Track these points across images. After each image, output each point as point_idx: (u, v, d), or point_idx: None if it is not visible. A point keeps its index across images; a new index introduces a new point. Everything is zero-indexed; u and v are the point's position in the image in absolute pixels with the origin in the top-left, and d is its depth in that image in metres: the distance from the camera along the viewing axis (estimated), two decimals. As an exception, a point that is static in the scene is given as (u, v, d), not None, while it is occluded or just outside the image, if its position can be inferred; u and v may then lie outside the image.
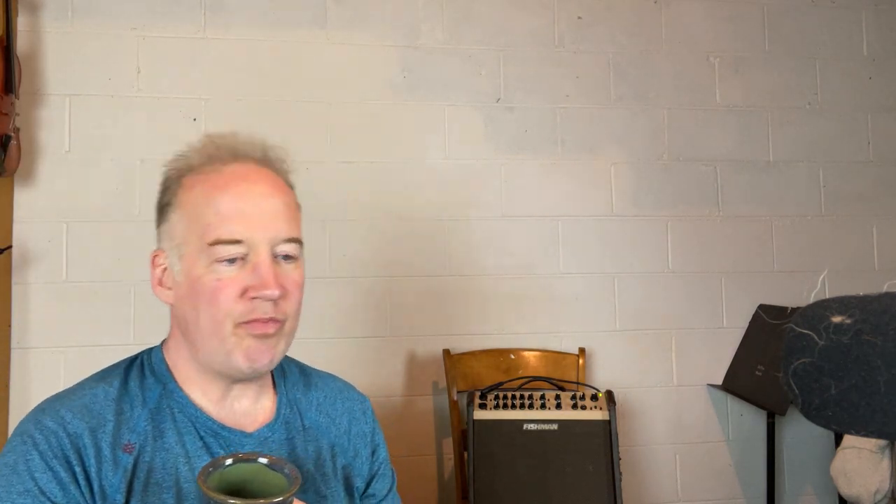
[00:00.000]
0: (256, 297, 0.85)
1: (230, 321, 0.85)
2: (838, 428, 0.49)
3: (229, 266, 0.85)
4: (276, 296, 0.85)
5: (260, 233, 0.86)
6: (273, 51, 2.32)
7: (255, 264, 0.86)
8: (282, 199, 0.90)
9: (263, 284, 0.85)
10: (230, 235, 0.85)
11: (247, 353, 0.86)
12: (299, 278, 0.91)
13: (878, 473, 1.78)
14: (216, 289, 0.85)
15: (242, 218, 0.86)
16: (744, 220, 2.54)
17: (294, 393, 1.01)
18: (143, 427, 0.87)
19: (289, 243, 0.89)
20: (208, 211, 0.86)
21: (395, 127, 2.37)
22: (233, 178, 0.88)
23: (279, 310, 0.87)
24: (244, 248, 0.85)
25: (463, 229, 2.38)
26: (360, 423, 1.05)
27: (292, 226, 0.90)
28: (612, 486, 1.96)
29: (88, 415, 0.85)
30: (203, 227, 0.86)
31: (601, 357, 2.43)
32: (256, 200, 0.88)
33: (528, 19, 2.47)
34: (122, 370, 0.93)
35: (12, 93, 1.99)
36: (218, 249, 0.85)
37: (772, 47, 2.61)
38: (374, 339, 2.30)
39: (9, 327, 2.11)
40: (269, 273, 0.85)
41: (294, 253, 0.90)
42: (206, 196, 0.87)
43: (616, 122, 2.50)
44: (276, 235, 0.88)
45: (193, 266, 0.87)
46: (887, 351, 0.46)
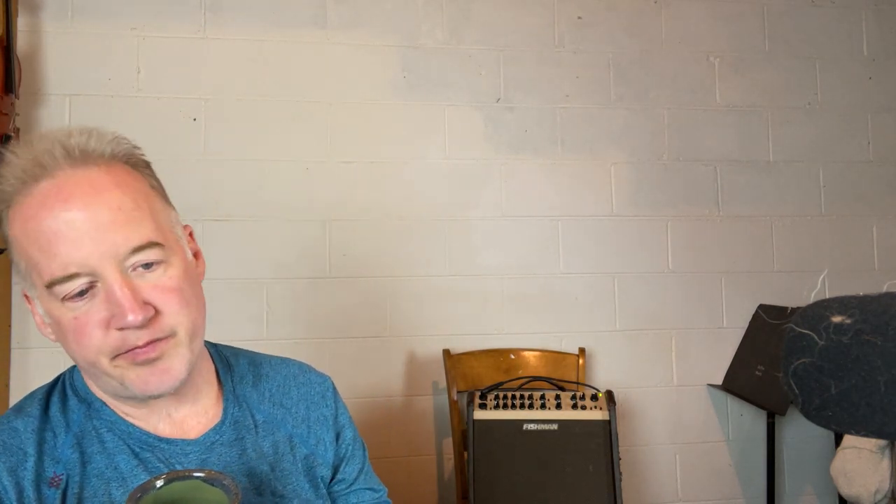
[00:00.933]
0: (121, 327, 0.74)
1: (104, 357, 0.76)
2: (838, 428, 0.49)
3: (82, 300, 0.74)
4: (141, 321, 0.74)
5: (93, 255, 0.73)
6: (273, 51, 2.32)
7: (106, 291, 0.74)
8: (111, 201, 0.75)
9: (122, 313, 0.73)
10: (62, 271, 0.73)
11: (138, 381, 0.77)
12: (172, 282, 0.78)
13: (878, 473, 1.78)
14: (77, 328, 0.75)
15: (66, 245, 0.73)
16: (744, 220, 2.54)
17: (242, 388, 0.93)
18: (68, 455, 0.79)
19: (140, 251, 0.75)
20: (32, 249, 0.74)
21: (395, 127, 2.37)
22: (42, 201, 0.74)
23: (157, 329, 0.76)
24: (85, 278, 0.74)
25: (463, 229, 2.38)
26: (318, 406, 0.98)
27: (136, 229, 0.76)
28: (612, 486, 1.96)
29: (6, 453, 0.78)
30: (35, 270, 0.75)
31: (601, 357, 2.43)
32: (75, 220, 0.73)
33: (528, 19, 2.47)
34: (42, 397, 0.85)
35: (12, 93, 1.99)
36: (56, 291, 0.74)
37: (772, 47, 2.61)
38: (374, 339, 2.30)
39: (9, 327, 2.11)
40: (124, 298, 0.73)
41: (155, 258, 0.77)
42: (25, 232, 0.75)
43: (616, 122, 2.50)
44: (117, 250, 0.74)
45: (50, 308, 0.77)
46: (887, 351, 0.46)
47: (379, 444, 2.29)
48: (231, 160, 2.26)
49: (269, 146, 2.29)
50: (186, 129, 2.25)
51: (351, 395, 2.26)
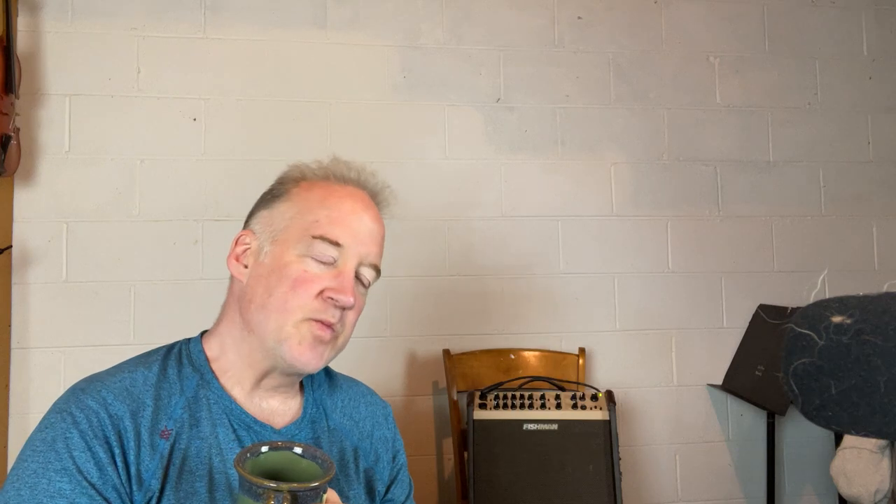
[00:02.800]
0: (331, 298, 0.89)
1: (300, 313, 0.88)
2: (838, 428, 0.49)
3: (318, 265, 0.90)
4: (350, 304, 0.90)
5: (357, 247, 0.92)
6: (273, 51, 2.32)
7: (340, 271, 0.91)
8: (381, 230, 0.98)
9: (342, 290, 0.90)
10: (334, 237, 0.91)
11: (298, 349, 0.89)
12: (362, 305, 0.96)
13: (878, 473, 1.78)
14: (300, 278, 0.89)
15: (349, 228, 0.92)
16: (744, 220, 2.54)
17: (320, 394, 1.02)
18: (179, 414, 0.88)
19: (372, 269, 0.95)
20: (322, 211, 0.92)
21: (395, 127, 2.37)
22: (350, 195, 0.96)
23: (341, 320, 0.92)
24: (338, 253, 0.91)
25: (463, 229, 2.38)
26: (382, 427, 1.08)
27: (378, 256, 0.97)
28: (612, 486, 1.96)
29: (129, 398, 0.86)
30: (312, 222, 0.92)
31: (601, 357, 2.43)
32: (365, 220, 0.95)
33: (528, 19, 2.47)
34: (161, 356, 0.93)
35: (12, 93, 1.99)
36: (318, 244, 0.90)
37: (772, 47, 2.61)
38: (374, 339, 2.30)
39: (9, 327, 2.11)
40: (350, 282, 0.91)
41: (371, 279, 0.96)
42: (324, 199, 0.94)
43: (616, 122, 2.50)
44: (367, 257, 0.94)
45: (285, 252, 0.91)
46: (887, 351, 0.46)
47: (379, 444, 2.29)
48: (231, 160, 2.26)
49: (269, 146, 2.29)
50: (186, 129, 2.25)
51: (351, 395, 2.26)
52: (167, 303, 2.18)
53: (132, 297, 2.17)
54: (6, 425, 2.06)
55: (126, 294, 2.17)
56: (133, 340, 2.16)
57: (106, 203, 2.19)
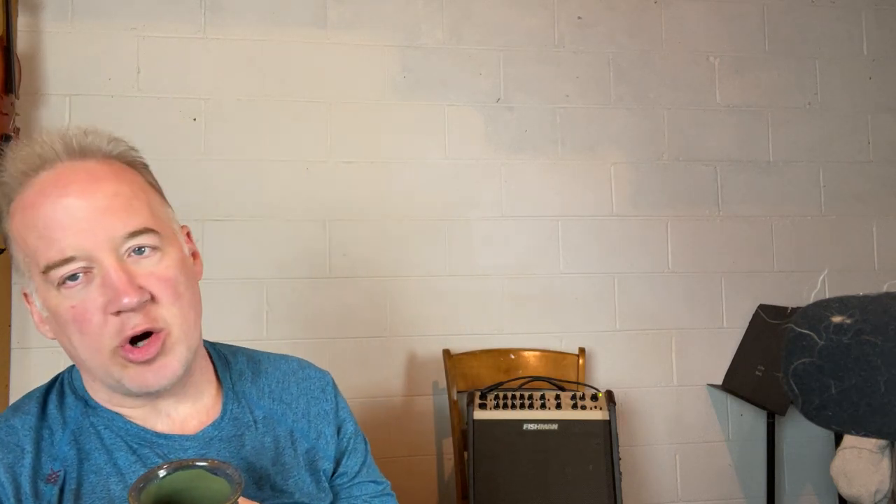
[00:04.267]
0: (117, 311, 0.75)
1: (105, 349, 0.76)
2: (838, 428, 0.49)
3: (76, 285, 0.75)
4: (136, 303, 0.75)
5: (89, 240, 0.75)
6: (273, 51, 2.32)
7: (102, 276, 0.75)
8: (108, 189, 0.77)
9: (117, 295, 0.74)
10: (58, 255, 0.74)
11: (136, 380, 0.78)
12: (167, 271, 0.79)
13: (878, 473, 1.78)
14: (75, 317, 0.76)
15: (63, 231, 0.75)
16: (744, 220, 2.54)
17: (241, 385, 0.94)
18: (65, 452, 0.80)
19: (133, 237, 0.77)
20: (30, 236, 0.76)
21: (395, 127, 2.37)
22: (41, 189, 0.77)
23: (152, 316, 0.77)
24: (81, 262, 0.75)
25: (463, 229, 2.38)
26: (319, 401, 0.98)
27: (133, 216, 0.78)
28: (612, 486, 1.96)
29: (4, 450, 0.78)
30: (33, 257, 0.77)
31: (601, 357, 2.43)
32: (71, 205, 0.75)
33: (528, 19, 2.47)
34: (40, 395, 0.85)
35: (12, 93, 1.99)
36: (52, 275, 0.75)
37: (772, 47, 2.61)
38: (374, 339, 2.30)
39: (9, 327, 2.11)
40: (119, 280, 0.75)
41: (150, 243, 0.78)
42: (24, 220, 0.77)
43: (616, 122, 2.50)
44: (113, 235, 0.76)
45: (47, 298, 0.78)
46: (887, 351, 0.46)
47: (379, 444, 2.28)
48: (231, 160, 2.26)
49: (269, 146, 2.29)
50: (186, 129, 2.25)
51: (351, 395, 2.26)
52: (167, 303, 2.18)
53: (132, 297, 2.17)
54: (6, 425, 2.06)
55: (126, 294, 2.17)
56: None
57: (106, 203, 2.19)
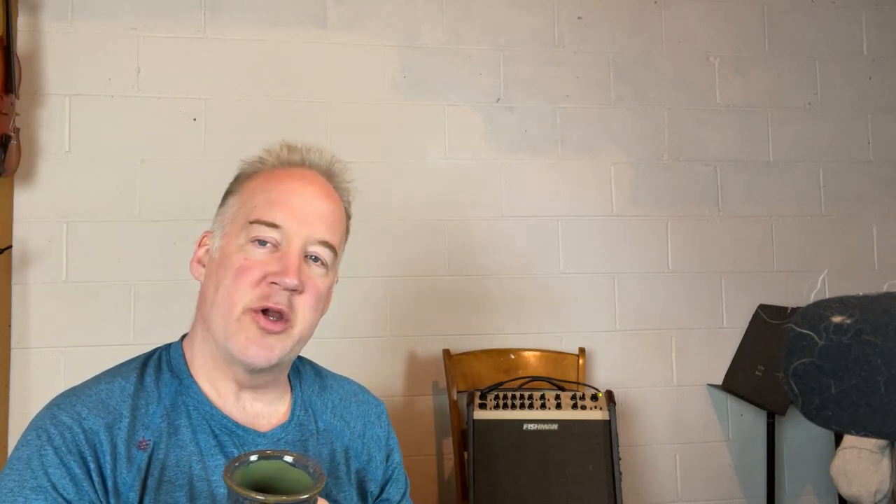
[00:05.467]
0: (274, 282, 0.86)
1: (241, 304, 0.86)
2: (838, 428, 0.49)
3: (260, 249, 0.87)
4: (294, 285, 0.86)
5: (298, 226, 0.89)
6: (273, 51, 2.32)
7: (283, 253, 0.87)
8: (330, 205, 0.94)
9: (285, 271, 0.86)
10: (270, 218, 0.88)
11: (244, 343, 0.86)
12: (321, 284, 0.91)
13: (878, 473, 1.78)
14: (241, 267, 0.87)
15: (287, 207, 0.89)
16: (744, 220, 2.54)
17: (309, 395, 1.00)
18: (157, 424, 0.87)
19: (322, 246, 0.91)
20: (261, 196, 0.91)
21: (395, 127, 2.37)
22: (292, 175, 0.94)
23: (292, 305, 0.87)
24: (279, 234, 0.88)
25: (463, 229, 2.38)
26: (374, 426, 1.05)
27: (331, 231, 0.92)
28: (612, 486, 1.96)
29: (104, 410, 0.85)
30: (251, 208, 0.90)
31: (601, 357, 2.43)
32: (305, 197, 0.91)
33: (528, 19, 2.47)
34: (139, 365, 0.92)
35: (12, 93, 1.99)
36: (255, 228, 0.88)
37: (772, 47, 2.61)
38: (374, 339, 2.30)
39: (9, 327, 2.11)
40: (293, 263, 0.87)
41: (325, 257, 0.91)
42: (264, 184, 0.92)
43: (616, 122, 2.50)
44: (312, 234, 0.90)
45: (229, 243, 0.89)
46: (887, 351, 0.46)
47: (379, 444, 2.29)
48: (231, 160, 2.25)
49: (269, 146, 2.28)
50: (186, 129, 2.25)
51: (351, 395, 2.26)
52: (167, 303, 2.18)
53: (132, 297, 2.17)
54: (6, 425, 2.06)
55: (126, 294, 2.17)
56: (133, 340, 2.15)
57: (106, 203, 2.19)
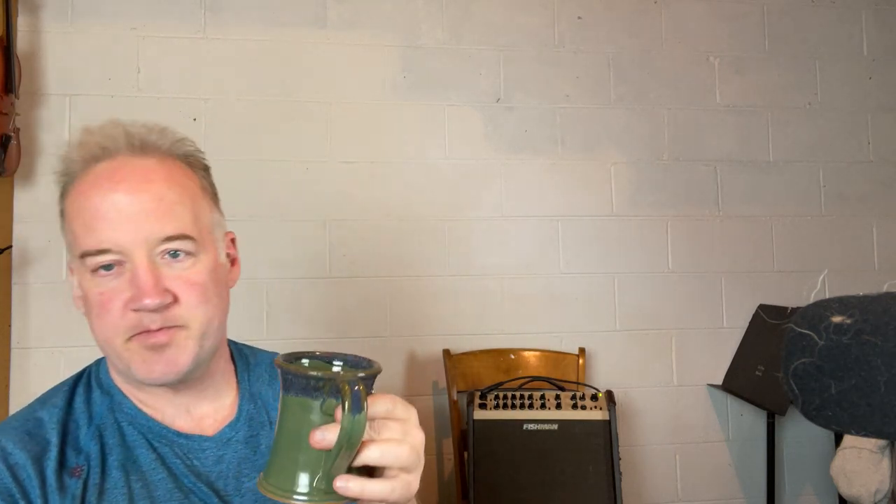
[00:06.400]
0: (137, 308, 0.77)
1: (120, 337, 0.79)
2: (838, 428, 0.49)
3: (108, 274, 0.78)
4: (157, 305, 0.77)
5: (128, 239, 0.78)
6: (273, 51, 2.32)
7: (131, 272, 0.78)
8: (157, 190, 0.80)
9: (140, 294, 0.77)
10: (95, 245, 0.78)
11: (143, 366, 0.80)
12: (196, 276, 0.81)
13: (878, 473, 1.78)
14: (100, 303, 0.79)
15: (105, 224, 0.78)
16: (744, 220, 2.54)
17: (258, 386, 0.95)
18: (90, 446, 0.82)
19: (170, 241, 0.79)
20: (77, 222, 0.80)
21: (395, 127, 2.37)
22: (96, 179, 0.80)
23: (170, 317, 0.79)
24: (114, 255, 0.78)
25: (463, 229, 2.38)
26: None
27: (173, 220, 0.80)
28: (612, 486, 1.96)
29: (31, 442, 0.79)
30: (74, 239, 0.80)
31: (601, 357, 2.43)
32: (118, 201, 0.79)
33: (528, 19, 2.47)
34: (68, 388, 0.87)
35: (12, 93, 1.99)
36: (88, 261, 0.79)
37: (772, 47, 2.61)
38: (374, 339, 2.30)
39: (9, 327, 2.11)
40: (146, 281, 0.77)
41: (184, 248, 0.80)
42: (76, 205, 0.81)
43: (616, 122, 2.50)
44: (150, 236, 0.78)
45: (81, 279, 0.81)
46: (887, 351, 0.46)
47: (379, 444, 2.29)
48: (231, 160, 2.26)
49: (269, 146, 2.29)
50: (186, 129, 2.22)
51: (351, 395, 2.26)
52: (167, 303, 2.18)
53: (132, 297, 2.17)
54: (6, 425, 2.06)
55: (126, 294, 2.17)
56: (133, 340, 2.15)
57: (106, 203, 2.19)
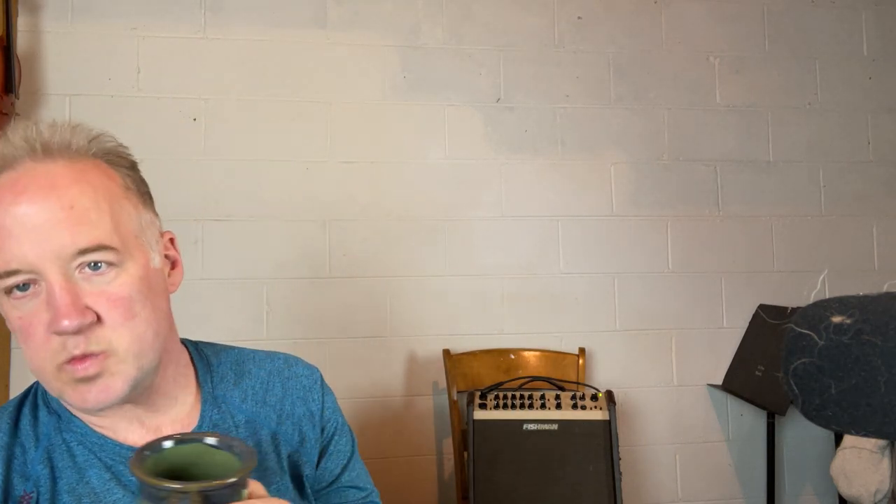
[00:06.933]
0: (56, 332, 0.70)
1: (49, 364, 0.72)
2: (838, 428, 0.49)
3: (25, 296, 0.71)
4: (76, 326, 0.69)
5: (35, 252, 0.69)
6: (273, 51, 2.32)
7: (47, 293, 0.70)
8: (65, 198, 0.71)
9: (57, 315, 0.69)
10: (3, 266, 0.70)
11: (76, 394, 0.73)
12: (120, 290, 0.73)
13: (878, 473, 1.78)
14: (21, 328, 0.72)
15: (10, 241, 0.69)
16: (744, 220, 2.54)
17: (222, 389, 0.88)
18: (38, 471, 0.76)
19: (86, 254, 0.71)
20: None
21: (395, 127, 2.37)
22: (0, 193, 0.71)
23: (94, 339, 0.71)
24: (25, 275, 0.70)
25: (463, 229, 2.38)
26: (305, 402, 0.92)
27: (87, 230, 0.71)
28: (612, 486, 1.96)
29: None
30: None
31: (601, 357, 2.43)
32: (21, 214, 0.70)
33: (528, 19, 2.47)
34: (13, 409, 0.81)
35: (12, 93, 1.99)
36: (2, 284, 0.71)
37: (772, 47, 2.61)
38: (374, 339, 2.30)
39: (9, 327, 2.11)
40: (62, 300, 0.69)
41: (105, 259, 0.72)
42: None
43: (616, 122, 2.50)
44: (61, 251, 0.70)
45: (1, 304, 0.73)
46: (887, 351, 0.46)
47: (379, 444, 2.29)
48: (231, 160, 2.26)
49: (269, 146, 2.29)
50: (186, 129, 2.25)
51: (351, 395, 2.26)
52: (167, 303, 2.18)
53: (132, 297, 2.17)
54: (6, 425, 2.06)
55: (126, 294, 2.17)
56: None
57: (106, 203, 2.19)
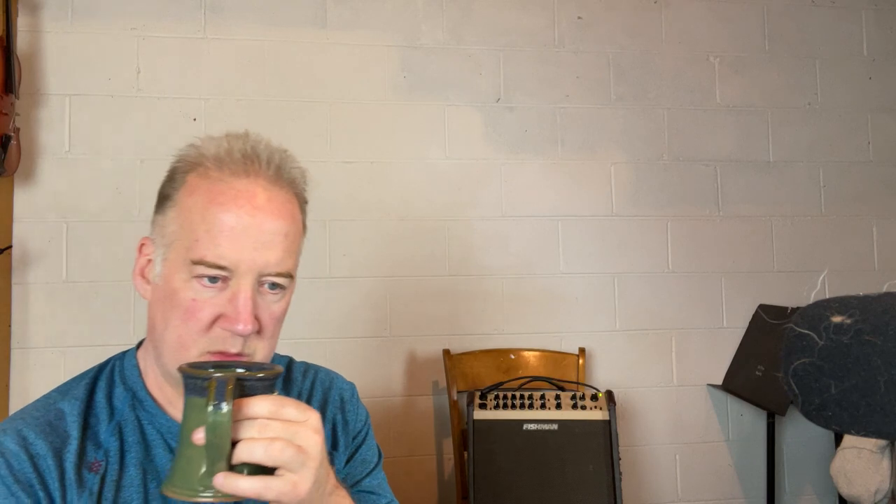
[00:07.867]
0: (227, 329, 0.79)
1: (197, 347, 0.79)
2: (838, 428, 0.49)
3: (209, 285, 0.79)
4: (248, 332, 0.78)
5: (247, 262, 0.79)
6: (273, 51, 2.32)
7: (234, 292, 0.79)
8: (284, 227, 0.82)
9: (237, 318, 0.78)
10: (215, 259, 0.78)
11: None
12: (280, 311, 0.84)
13: (878, 473, 1.78)
14: (190, 309, 0.79)
15: (233, 243, 0.78)
16: (744, 220, 2.54)
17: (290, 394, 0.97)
18: (109, 442, 0.82)
19: (279, 277, 0.82)
20: (201, 225, 0.79)
21: (395, 127, 2.37)
22: (236, 196, 0.80)
23: (249, 345, 0.80)
24: (227, 273, 0.79)
25: (463, 229, 2.38)
26: (342, 412, 1.02)
27: (286, 259, 0.82)
28: (612, 486, 1.96)
29: (52, 433, 0.80)
30: (191, 241, 0.79)
31: (601, 357, 2.43)
32: (253, 227, 0.79)
33: (528, 19, 2.47)
34: (90, 380, 0.87)
35: (12, 93, 1.99)
36: (199, 269, 0.78)
37: (772, 47, 2.61)
38: (374, 339, 2.30)
39: (9, 327, 2.11)
40: (246, 307, 0.78)
41: (283, 284, 0.83)
42: (204, 207, 0.80)
43: (616, 122, 2.50)
44: (265, 268, 0.80)
45: (173, 275, 0.80)
46: (887, 351, 0.46)
47: (379, 443, 2.28)
48: (231, 160, 2.26)
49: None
50: (186, 129, 2.24)
51: (351, 395, 2.26)
52: (167, 303, 2.18)
53: (132, 297, 2.17)
54: (6, 425, 2.06)
55: (126, 294, 2.17)
56: (133, 340, 2.15)
57: (106, 203, 2.19)
